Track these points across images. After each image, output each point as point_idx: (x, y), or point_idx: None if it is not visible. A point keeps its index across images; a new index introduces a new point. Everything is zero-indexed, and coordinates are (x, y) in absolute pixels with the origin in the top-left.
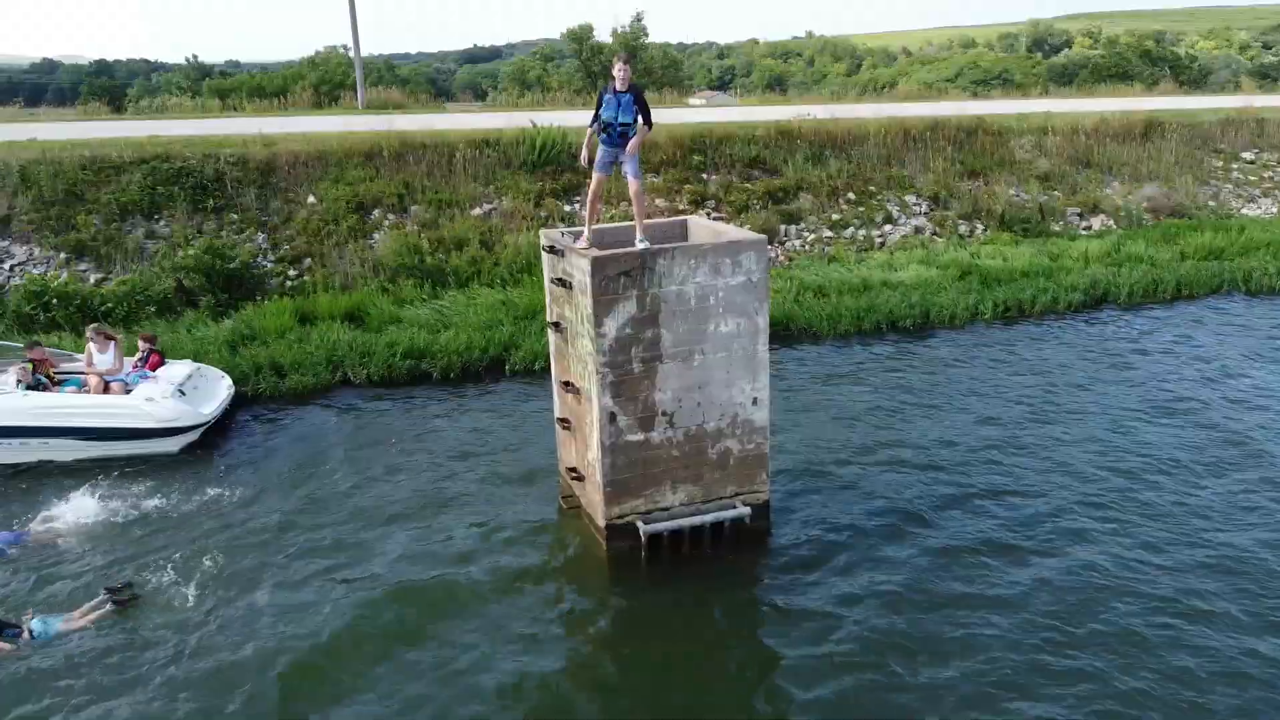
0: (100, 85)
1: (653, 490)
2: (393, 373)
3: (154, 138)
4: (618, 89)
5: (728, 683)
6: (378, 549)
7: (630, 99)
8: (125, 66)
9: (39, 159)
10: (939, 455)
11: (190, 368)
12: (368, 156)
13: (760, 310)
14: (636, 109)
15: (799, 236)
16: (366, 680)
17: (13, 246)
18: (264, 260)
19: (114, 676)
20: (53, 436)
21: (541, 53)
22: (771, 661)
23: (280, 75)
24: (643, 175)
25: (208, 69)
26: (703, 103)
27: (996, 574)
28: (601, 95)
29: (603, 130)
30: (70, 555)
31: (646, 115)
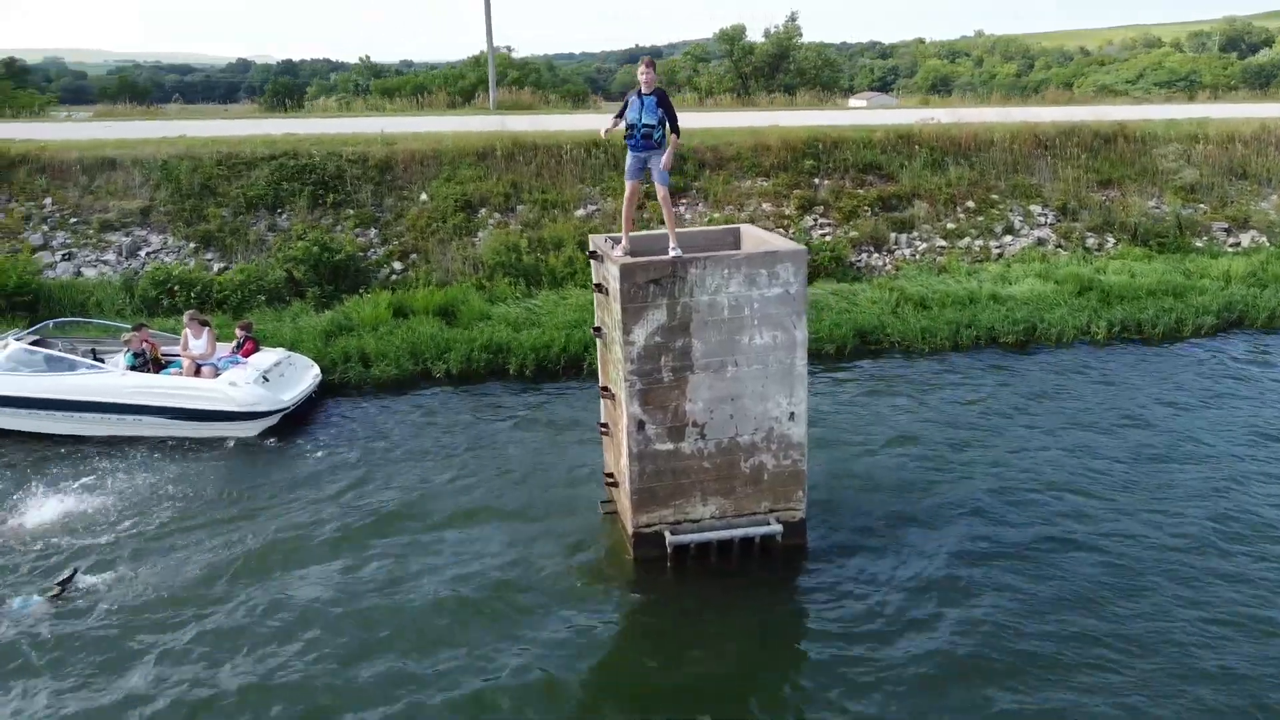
0: (283, 84)
1: (682, 501)
2: (472, 367)
3: (288, 135)
4: (642, 92)
5: (741, 701)
6: (418, 540)
7: (654, 101)
8: (309, 66)
9: (182, 154)
10: (1008, 488)
11: (280, 355)
12: (480, 156)
13: (798, 323)
14: (660, 111)
15: (909, 245)
16: (384, 677)
17: (150, 235)
18: (372, 254)
19: (131, 656)
20: (144, 414)
21: (693, 53)
22: (791, 684)
23: (441, 74)
24: (669, 181)
25: (380, 69)
26: (863, 104)
27: (1052, 640)
28: (627, 98)
29: (627, 134)
30: (100, 531)
31: (673, 121)
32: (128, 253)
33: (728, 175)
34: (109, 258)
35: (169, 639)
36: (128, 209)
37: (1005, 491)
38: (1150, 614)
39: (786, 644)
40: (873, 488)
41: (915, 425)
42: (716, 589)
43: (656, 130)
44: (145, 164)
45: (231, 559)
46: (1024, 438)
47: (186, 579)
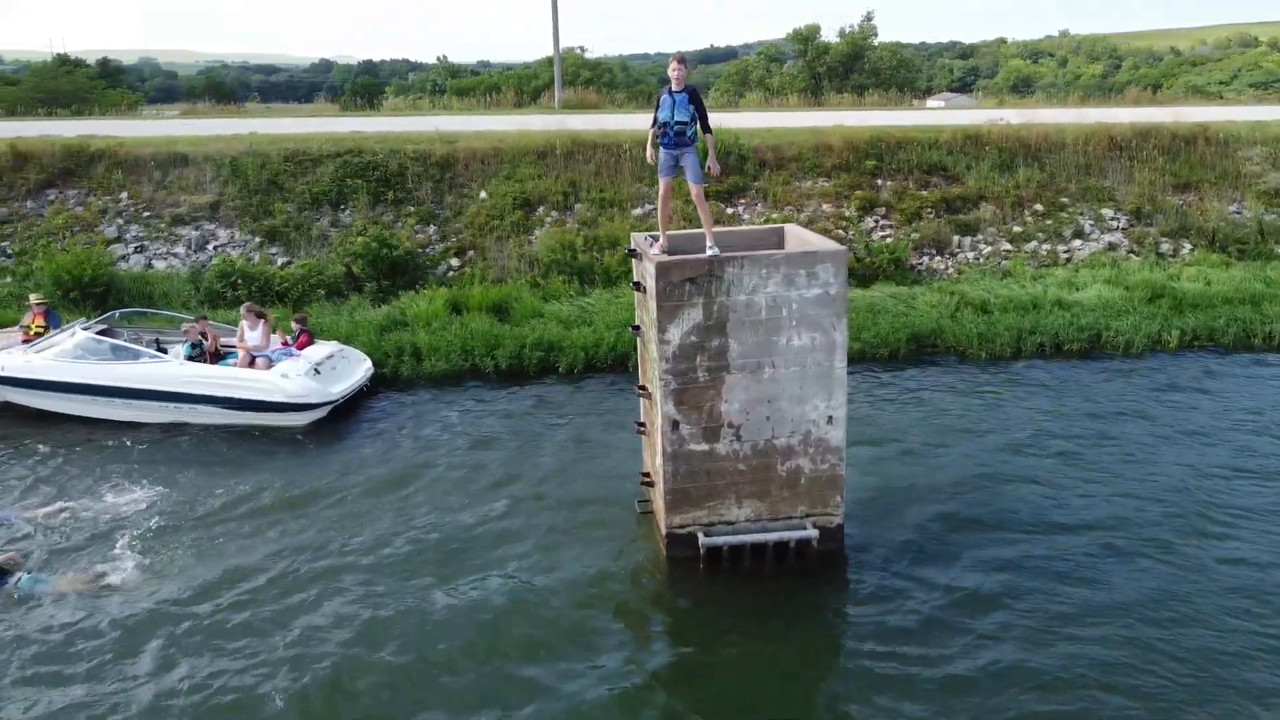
0: (362, 84)
1: (716, 502)
2: (521, 364)
3: (355, 133)
4: (673, 89)
5: (769, 707)
6: (452, 534)
7: (685, 98)
8: (388, 67)
9: (251, 151)
10: (1058, 498)
11: (333, 349)
12: (540, 155)
13: (838, 325)
14: (692, 108)
15: (973, 249)
16: (408, 673)
17: (219, 230)
18: (430, 250)
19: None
20: (198, 403)
21: (766, 53)
22: (821, 690)
23: (515, 75)
24: (704, 180)
25: (457, 69)
26: (940, 105)
27: (1098, 657)
28: (659, 97)
29: (660, 132)
30: (141, 515)
31: (704, 119)
32: (196, 246)
33: (788, 175)
34: (179, 251)
35: (197, 626)
36: (198, 204)
37: (1055, 501)
38: (1204, 630)
39: (818, 650)
40: (917, 494)
41: (966, 432)
42: (749, 592)
43: (689, 127)
44: (216, 160)
45: (266, 548)
46: (1079, 447)
47: (218, 567)
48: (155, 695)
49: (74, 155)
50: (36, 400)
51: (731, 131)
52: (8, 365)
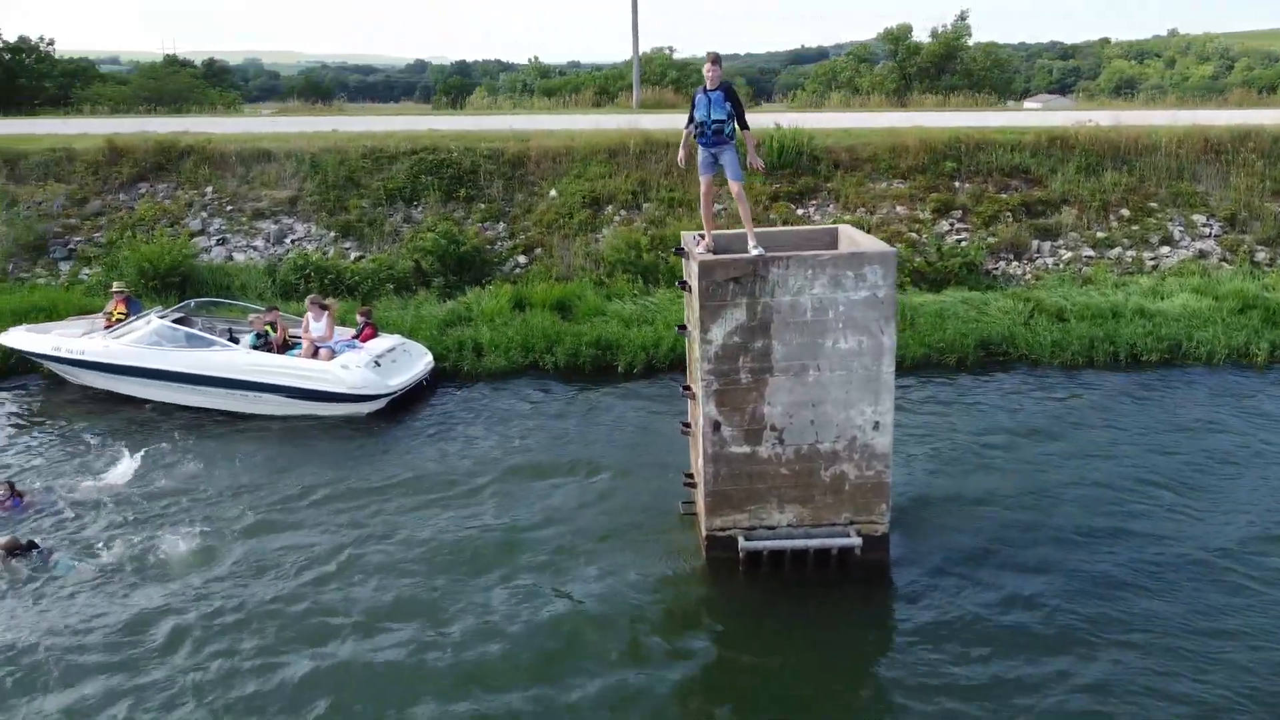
0: (453, 84)
1: (757, 506)
2: (580, 362)
3: (431, 131)
4: (708, 88)
5: (799, 715)
6: (493, 530)
7: (720, 95)
8: (481, 67)
9: (330, 148)
10: (1122, 518)
11: (395, 342)
12: (611, 154)
13: (886, 329)
14: (728, 105)
15: (1053, 254)
16: (443, 662)
17: (296, 224)
18: (499, 247)
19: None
20: (262, 391)
21: (855, 54)
22: (855, 702)
23: (603, 75)
24: (743, 177)
25: (548, 69)
26: (1038, 106)
27: (1152, 689)
28: (694, 97)
29: (698, 131)
30: (194, 498)
31: (741, 115)
32: (274, 239)
33: (861, 177)
34: (258, 244)
35: (239, 611)
36: (278, 198)
37: (1116, 516)
38: (1262, 649)
39: (856, 660)
40: (971, 505)
41: (1029, 442)
42: (788, 599)
43: (726, 125)
44: (297, 157)
45: (312, 538)
46: (1146, 460)
47: (264, 554)
48: (179, 680)
49: (165, 151)
50: (111, 383)
51: (805, 132)
52: (87, 349)
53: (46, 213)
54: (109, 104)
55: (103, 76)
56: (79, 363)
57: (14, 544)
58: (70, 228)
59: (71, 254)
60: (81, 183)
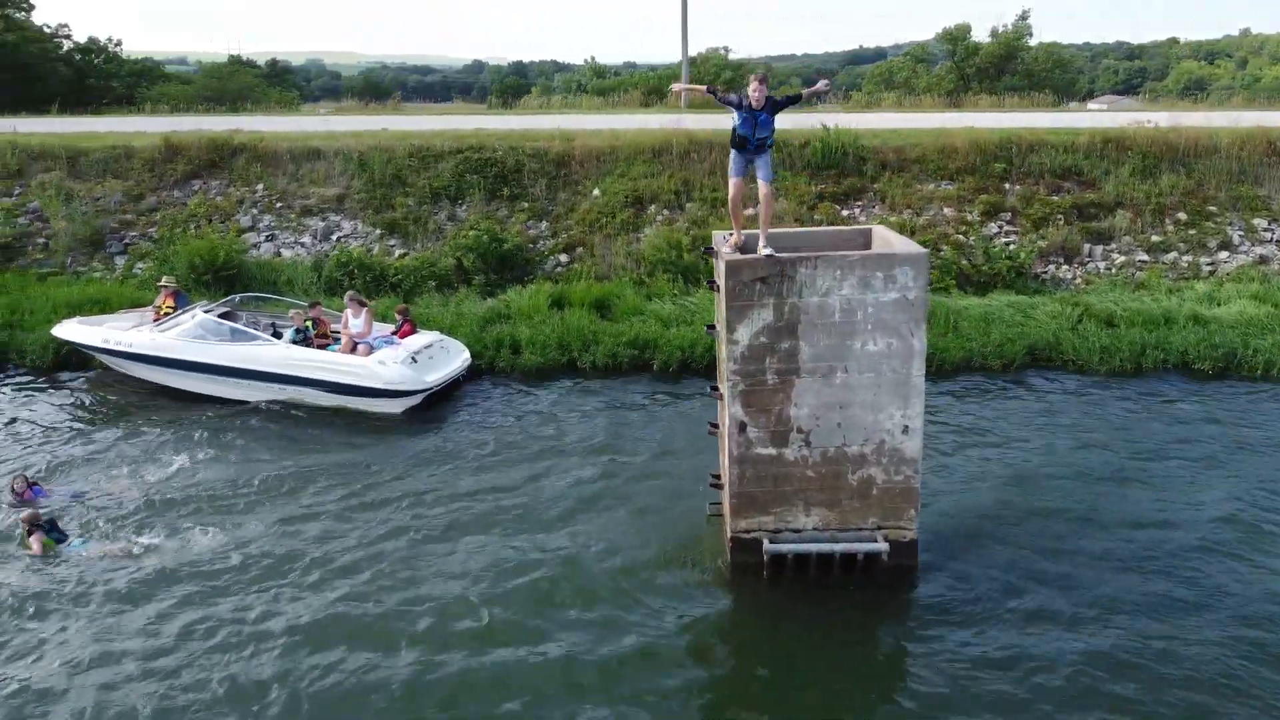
0: (509, 84)
1: (783, 509)
2: (616, 361)
3: (478, 130)
4: (754, 108)
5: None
6: (518, 526)
7: (767, 117)
8: (537, 68)
9: (378, 146)
10: (1161, 532)
11: (432, 338)
12: (655, 153)
13: (916, 331)
14: (773, 120)
15: (1105, 258)
16: (458, 658)
17: (343, 221)
18: (541, 245)
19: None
20: (301, 385)
21: (913, 54)
22: (878, 710)
23: (657, 75)
24: (774, 177)
25: (603, 70)
26: (1103, 108)
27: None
28: (732, 99)
29: (736, 141)
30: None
31: (791, 100)
32: (321, 236)
33: (909, 178)
34: (305, 240)
35: (259, 601)
36: (326, 196)
37: (1158, 528)
38: None
39: (878, 668)
40: (1007, 514)
41: (1071, 451)
42: (812, 603)
43: (770, 138)
44: (346, 155)
45: (337, 527)
46: (1191, 477)
47: (292, 539)
48: (161, 661)
49: (219, 148)
50: (157, 375)
51: (851, 132)
52: (134, 342)
53: (104, 208)
54: (170, 103)
55: (167, 76)
56: (126, 354)
57: (35, 518)
58: (126, 223)
59: (127, 249)
60: (138, 179)
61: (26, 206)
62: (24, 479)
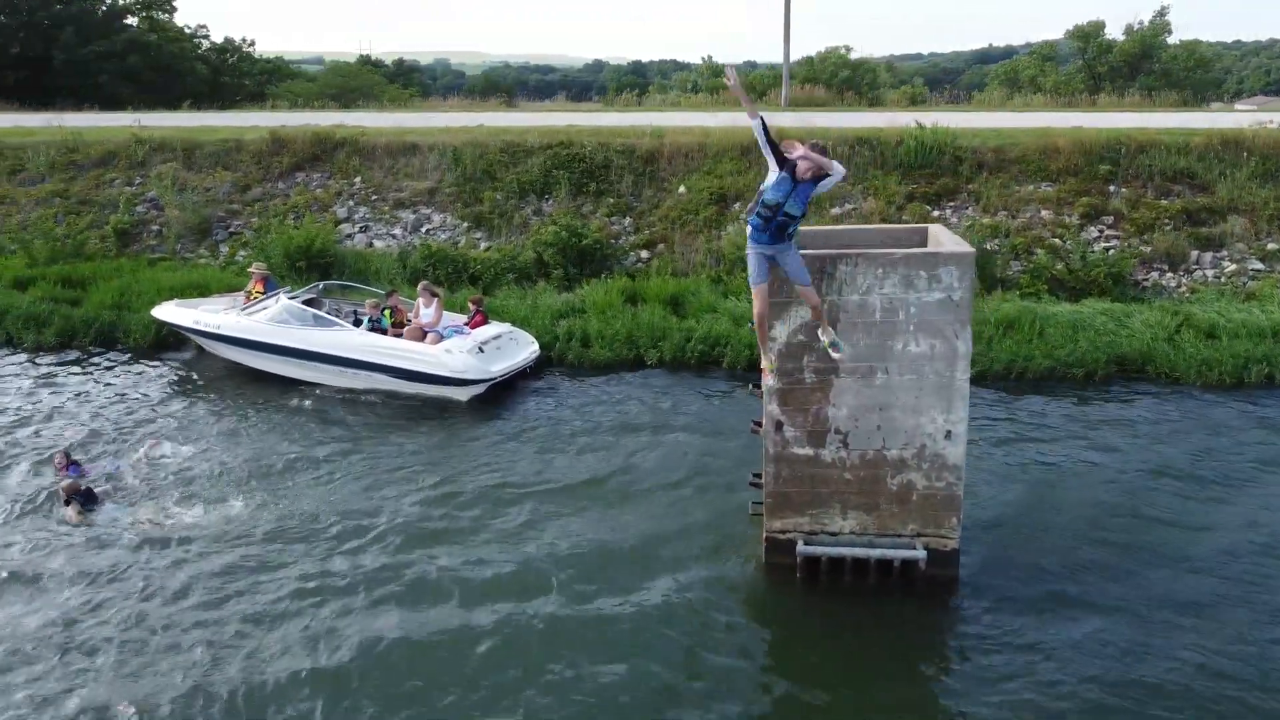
0: (626, 83)
1: (819, 510)
2: (685, 357)
3: (571, 126)
4: (799, 176)
5: None
6: (560, 516)
7: (809, 189)
8: (656, 67)
9: (471, 141)
10: (1236, 562)
11: (502, 330)
12: (744, 151)
13: (961, 333)
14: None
15: (1214, 266)
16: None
17: (434, 214)
18: (623, 241)
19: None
20: (374, 371)
21: (1039, 52)
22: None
23: (758, 74)
24: (809, 278)
25: (719, 68)
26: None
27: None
28: (776, 148)
29: (760, 217)
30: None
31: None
32: (411, 228)
33: (1007, 179)
34: (396, 232)
35: (269, 575)
36: (418, 189)
37: (1223, 551)
38: None
39: (904, 679)
40: (1065, 530)
41: (1148, 466)
42: (844, 608)
43: (794, 224)
44: (440, 150)
45: (384, 501)
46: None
47: (342, 518)
48: (185, 634)
49: (322, 142)
50: (242, 357)
51: (948, 130)
52: (222, 324)
53: (213, 198)
54: (290, 99)
55: (294, 74)
56: (214, 336)
57: (75, 488)
58: (233, 212)
59: (231, 237)
60: (246, 171)
61: (145, 196)
62: (64, 454)
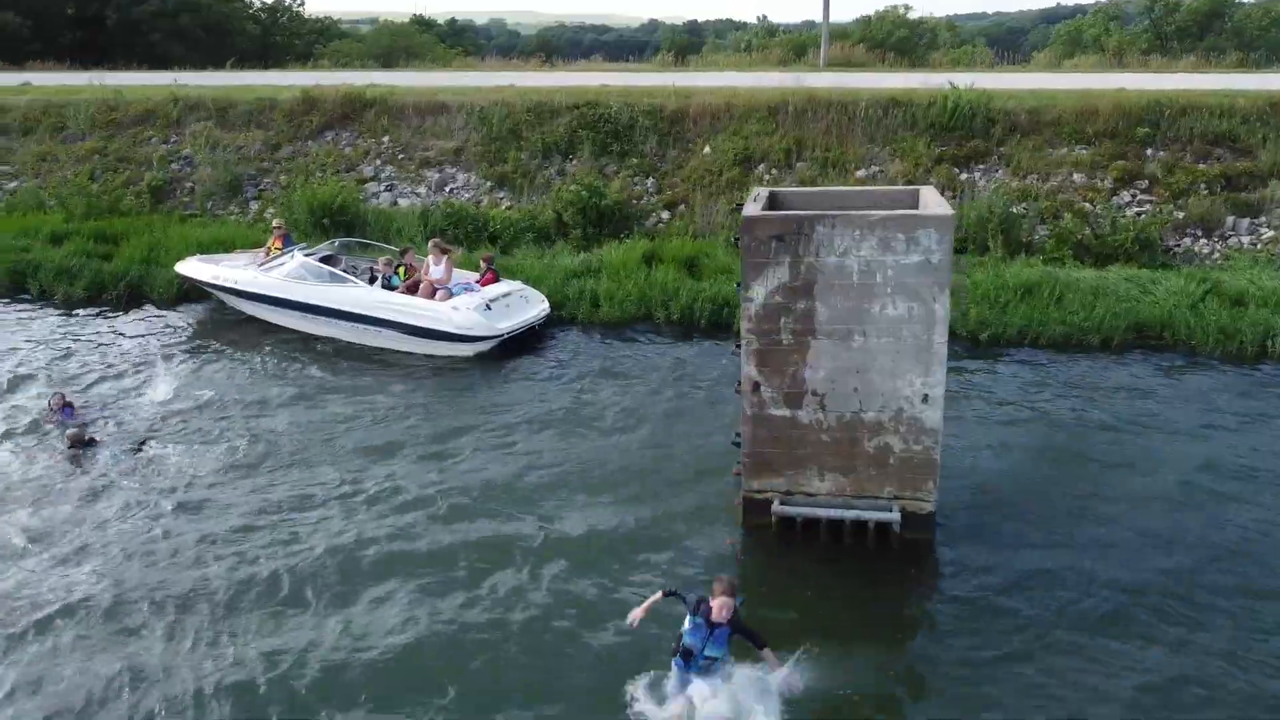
0: (679, 43)
1: (796, 472)
2: (694, 317)
3: (603, 87)
4: (713, 619)
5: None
6: (547, 474)
7: (727, 633)
8: (711, 26)
9: (498, 101)
10: (1224, 535)
11: (512, 288)
12: (771, 111)
13: (939, 296)
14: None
15: (1250, 232)
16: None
17: (459, 173)
18: (646, 202)
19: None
20: (383, 327)
21: (1104, 12)
22: (869, 686)
23: (799, 36)
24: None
25: (775, 28)
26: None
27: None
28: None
29: (678, 652)
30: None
31: (757, 638)
32: (436, 188)
33: (1040, 141)
34: (421, 191)
35: (262, 522)
36: (445, 149)
37: (1215, 544)
38: None
39: (877, 642)
40: (1053, 494)
41: (1145, 438)
42: (820, 569)
43: (719, 662)
44: (468, 109)
45: (376, 461)
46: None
47: (306, 474)
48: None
49: (351, 101)
50: (258, 311)
51: (983, 93)
52: (239, 279)
53: (245, 157)
54: (335, 59)
55: (344, 34)
56: (232, 291)
57: (79, 436)
58: (263, 170)
59: (260, 195)
60: (278, 130)
61: (180, 154)
62: (60, 396)
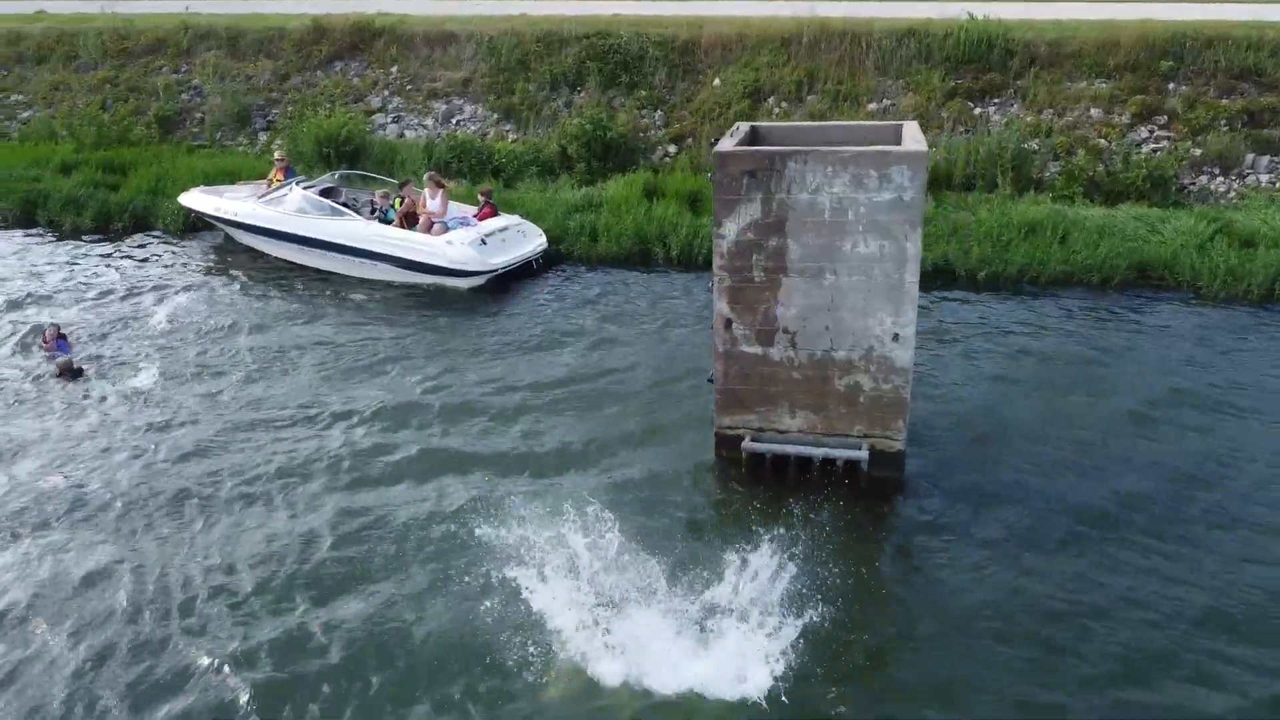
0: None
1: (768, 409)
2: (692, 254)
3: (616, 16)
4: None
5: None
6: (529, 409)
7: None
8: None
9: (509, 30)
10: (1199, 476)
11: (509, 222)
12: (783, 42)
13: (911, 234)
14: None
15: (1270, 170)
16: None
17: (466, 105)
18: (653, 135)
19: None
20: (377, 260)
21: None
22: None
23: None
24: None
25: None
26: None
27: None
28: None
29: None
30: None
31: None
32: (443, 120)
33: (1059, 74)
34: (428, 123)
35: (282, 447)
36: (453, 79)
37: (1186, 469)
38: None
39: (843, 574)
40: (1028, 436)
41: (1133, 375)
42: (788, 505)
43: None
44: (477, 39)
45: (364, 393)
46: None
47: (292, 402)
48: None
49: (361, 31)
50: (257, 243)
51: (1001, 23)
52: (239, 211)
53: (254, 87)
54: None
55: None
56: (231, 222)
57: (68, 365)
58: (272, 101)
59: (269, 125)
60: (287, 60)
61: (190, 84)
62: (55, 328)
